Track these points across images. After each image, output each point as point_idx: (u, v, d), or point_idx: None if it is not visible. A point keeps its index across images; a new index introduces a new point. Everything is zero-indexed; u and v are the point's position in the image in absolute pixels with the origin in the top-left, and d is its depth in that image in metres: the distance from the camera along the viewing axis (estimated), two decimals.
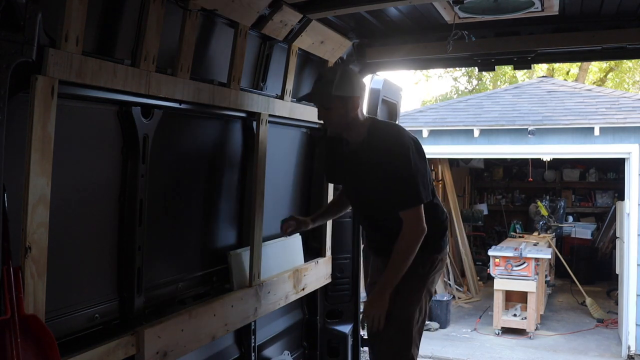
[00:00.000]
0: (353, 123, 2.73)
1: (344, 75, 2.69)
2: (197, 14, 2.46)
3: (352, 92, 2.68)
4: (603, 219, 10.73)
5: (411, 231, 2.68)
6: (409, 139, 2.72)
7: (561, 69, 17.50)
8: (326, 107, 2.70)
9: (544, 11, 3.07)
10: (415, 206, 2.67)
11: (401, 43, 3.78)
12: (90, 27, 2.02)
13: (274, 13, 2.92)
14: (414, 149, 2.68)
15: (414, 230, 2.68)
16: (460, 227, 9.56)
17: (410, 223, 2.68)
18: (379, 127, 2.80)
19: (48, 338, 1.80)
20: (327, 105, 2.68)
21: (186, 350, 2.52)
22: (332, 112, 2.70)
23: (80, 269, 2.20)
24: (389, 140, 2.70)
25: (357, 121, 2.74)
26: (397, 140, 2.69)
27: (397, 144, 2.67)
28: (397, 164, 2.64)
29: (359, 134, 2.76)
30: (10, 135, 1.70)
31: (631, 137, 6.69)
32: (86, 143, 2.19)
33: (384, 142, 2.70)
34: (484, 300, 8.95)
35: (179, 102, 2.52)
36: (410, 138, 2.74)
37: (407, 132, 2.78)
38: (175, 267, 2.75)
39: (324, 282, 3.93)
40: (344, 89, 2.65)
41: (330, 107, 2.68)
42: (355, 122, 2.73)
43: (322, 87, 2.67)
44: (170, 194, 2.70)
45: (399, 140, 2.69)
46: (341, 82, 2.64)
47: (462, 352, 6.72)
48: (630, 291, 6.48)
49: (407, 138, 2.72)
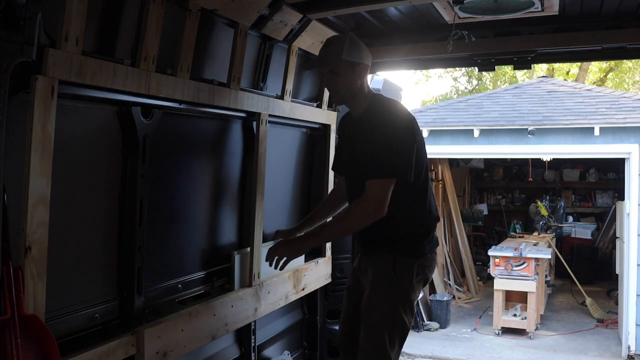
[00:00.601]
0: (358, 93, 2.65)
1: (354, 42, 2.62)
2: (197, 14, 2.46)
3: (360, 59, 2.61)
4: (603, 219, 10.73)
5: (364, 203, 2.48)
6: (406, 117, 2.60)
7: (561, 69, 17.50)
8: (335, 71, 2.61)
9: (544, 11, 3.07)
10: (381, 177, 2.47)
11: (401, 43, 3.78)
12: (90, 27, 2.02)
13: (274, 13, 2.92)
14: (405, 126, 2.55)
15: (367, 203, 2.47)
16: (460, 227, 9.56)
17: (368, 195, 2.47)
18: (379, 100, 2.68)
19: (48, 338, 1.80)
20: (337, 69, 2.59)
21: (186, 350, 2.52)
22: (339, 78, 2.61)
23: (80, 269, 2.20)
24: (382, 113, 2.59)
25: (362, 92, 2.66)
26: (390, 113, 2.59)
27: (388, 115, 2.57)
28: (379, 131, 2.51)
29: (361, 106, 2.68)
30: (10, 135, 1.70)
31: (631, 137, 6.69)
32: (86, 143, 2.19)
33: (377, 113, 2.60)
34: (484, 300, 8.94)
35: (179, 102, 2.52)
36: (408, 117, 2.61)
37: (407, 112, 2.65)
38: (175, 267, 2.75)
39: (324, 282, 3.93)
40: (354, 54, 2.59)
41: (339, 72, 2.60)
42: (360, 92, 2.66)
43: (332, 51, 2.60)
44: (170, 194, 2.70)
45: (392, 112, 2.59)
46: (351, 48, 2.58)
47: (462, 352, 6.71)
48: (630, 291, 6.48)
49: (402, 115, 2.60)
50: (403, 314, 2.58)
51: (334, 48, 2.60)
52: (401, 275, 2.58)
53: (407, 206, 2.59)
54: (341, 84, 2.63)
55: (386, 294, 2.58)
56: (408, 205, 2.59)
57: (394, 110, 2.61)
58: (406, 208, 2.58)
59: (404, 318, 2.59)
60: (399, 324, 2.58)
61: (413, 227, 2.62)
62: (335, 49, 2.59)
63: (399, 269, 2.58)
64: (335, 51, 2.58)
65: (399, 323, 2.58)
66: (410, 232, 2.61)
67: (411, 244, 2.61)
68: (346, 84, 2.62)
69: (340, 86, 2.64)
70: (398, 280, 2.58)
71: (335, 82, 2.64)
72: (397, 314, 2.57)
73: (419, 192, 2.63)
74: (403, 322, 2.59)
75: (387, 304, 2.57)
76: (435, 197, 8.99)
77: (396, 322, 2.57)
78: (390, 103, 2.67)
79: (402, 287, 2.59)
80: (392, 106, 2.64)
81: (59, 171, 1.92)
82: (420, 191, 2.63)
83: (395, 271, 2.57)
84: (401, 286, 2.59)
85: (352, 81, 2.62)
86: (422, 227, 2.66)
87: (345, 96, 2.69)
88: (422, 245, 2.63)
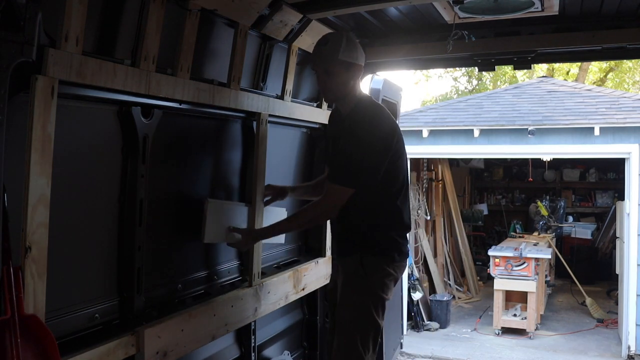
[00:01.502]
0: (350, 93, 2.64)
1: (350, 41, 2.60)
2: (197, 14, 2.46)
3: (356, 59, 2.60)
4: (603, 219, 10.73)
5: (318, 205, 2.61)
6: (386, 125, 2.59)
7: (561, 69, 17.50)
8: (329, 71, 2.58)
9: (544, 11, 3.07)
10: (337, 184, 2.54)
11: (401, 43, 3.78)
12: (90, 27, 2.02)
13: (274, 13, 2.92)
14: (383, 136, 2.55)
15: (321, 206, 2.60)
16: (460, 227, 9.56)
17: (324, 197, 2.58)
18: (365, 105, 2.65)
19: (48, 338, 1.80)
20: (332, 69, 2.58)
21: (186, 350, 2.52)
22: (333, 78, 2.59)
23: (80, 269, 2.20)
24: (363, 119, 2.56)
25: (353, 92, 2.65)
26: (370, 121, 2.56)
27: (368, 123, 2.55)
28: (354, 138, 2.52)
29: (349, 106, 2.66)
30: (10, 135, 1.70)
31: (631, 137, 6.68)
32: (86, 143, 2.19)
33: (359, 118, 2.58)
34: (484, 300, 8.94)
35: (179, 102, 2.52)
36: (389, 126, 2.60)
37: (388, 122, 2.62)
38: (175, 267, 2.75)
39: (324, 282, 3.92)
40: (350, 54, 2.57)
41: (333, 72, 2.58)
42: (351, 92, 2.64)
43: (328, 51, 2.57)
44: (170, 194, 2.70)
45: (372, 120, 2.56)
46: (347, 47, 2.56)
47: (462, 352, 6.71)
48: (630, 291, 6.48)
49: (382, 124, 2.59)
50: (374, 312, 2.58)
51: (330, 47, 2.57)
52: (371, 272, 2.59)
53: (378, 212, 2.61)
54: (334, 84, 2.61)
55: (356, 290, 2.61)
56: (379, 211, 2.61)
57: (375, 118, 2.59)
58: (376, 214, 2.61)
59: (376, 317, 2.58)
60: (370, 322, 2.58)
61: (381, 233, 2.64)
62: (331, 48, 2.56)
63: (368, 266, 2.59)
64: (332, 50, 2.55)
65: (371, 322, 2.58)
66: (379, 238, 2.63)
67: (379, 247, 2.63)
68: (339, 84, 2.61)
69: (333, 86, 2.62)
70: (367, 276, 2.58)
71: (328, 82, 2.62)
72: (368, 312, 2.57)
73: (391, 200, 2.64)
74: (375, 322, 2.59)
75: (358, 301, 2.59)
76: (436, 197, 9.12)
77: (368, 321, 2.57)
78: (374, 110, 2.65)
79: (372, 283, 2.59)
80: (374, 113, 2.62)
81: (59, 171, 1.92)
82: (392, 198, 2.64)
83: (364, 267, 2.59)
84: (371, 283, 2.59)
85: (345, 81, 2.61)
86: (391, 233, 2.66)
87: (337, 96, 2.68)
88: (390, 250, 2.64)
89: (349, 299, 2.62)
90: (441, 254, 9.09)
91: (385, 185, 2.59)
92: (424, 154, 8.12)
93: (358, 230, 2.64)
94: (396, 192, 2.64)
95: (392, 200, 2.64)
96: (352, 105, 2.65)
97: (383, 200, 2.63)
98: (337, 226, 2.75)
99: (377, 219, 2.62)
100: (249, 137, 3.16)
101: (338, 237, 2.76)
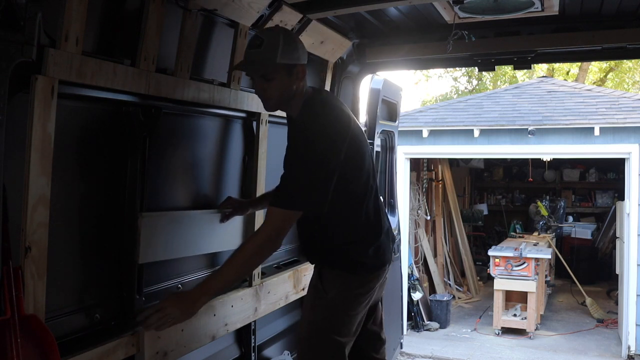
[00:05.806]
0: (295, 97, 2.30)
1: (289, 40, 2.23)
2: (197, 14, 2.46)
3: (297, 60, 2.24)
4: (603, 219, 10.73)
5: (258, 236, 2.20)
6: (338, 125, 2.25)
7: (561, 69, 17.50)
8: (268, 77, 2.23)
9: (544, 11, 3.07)
10: (281, 207, 2.15)
11: (401, 43, 3.78)
12: (90, 27, 2.02)
13: (274, 13, 2.91)
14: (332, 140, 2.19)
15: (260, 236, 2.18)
16: (460, 227, 9.57)
17: (264, 225, 2.19)
18: (311, 107, 2.30)
19: (48, 338, 1.80)
20: (271, 75, 2.22)
21: (186, 350, 2.52)
22: (273, 84, 2.24)
23: (80, 269, 2.20)
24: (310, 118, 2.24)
25: (299, 94, 2.31)
26: (316, 120, 2.23)
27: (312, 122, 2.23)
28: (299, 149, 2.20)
29: (297, 108, 2.33)
30: (10, 135, 1.69)
31: (631, 137, 6.69)
32: (86, 143, 2.19)
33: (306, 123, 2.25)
34: (484, 300, 8.95)
35: (179, 102, 2.51)
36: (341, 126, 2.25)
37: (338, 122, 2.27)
38: (175, 267, 2.75)
39: None
40: (290, 56, 2.21)
41: (273, 78, 2.23)
42: (297, 95, 2.30)
43: (264, 54, 2.19)
44: (170, 193, 2.70)
45: (320, 120, 2.23)
46: (287, 48, 2.19)
47: (462, 352, 6.72)
48: (630, 291, 6.48)
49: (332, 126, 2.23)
50: (332, 332, 2.30)
51: (265, 50, 2.19)
52: (330, 288, 2.32)
53: (339, 216, 2.31)
54: (275, 90, 2.26)
55: (313, 306, 2.39)
56: (340, 215, 2.31)
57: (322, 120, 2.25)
58: (338, 218, 2.32)
59: (334, 337, 2.30)
60: (327, 342, 2.30)
61: (345, 238, 2.35)
62: (267, 51, 2.19)
63: (327, 281, 2.34)
64: (268, 54, 2.19)
65: (328, 341, 2.30)
66: (342, 244, 2.35)
67: (344, 256, 2.34)
68: (281, 90, 2.26)
69: (274, 92, 2.27)
70: (326, 292, 2.33)
71: (268, 89, 2.27)
72: (323, 332, 2.31)
73: (354, 206, 2.34)
74: (333, 341, 2.30)
75: (314, 320, 2.35)
76: (436, 197, 9.12)
77: (324, 340, 2.31)
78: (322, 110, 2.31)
79: (330, 300, 2.32)
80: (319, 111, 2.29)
81: (59, 171, 1.92)
82: (355, 201, 2.34)
83: (322, 282, 2.34)
84: (329, 299, 2.32)
85: (288, 86, 2.26)
86: (357, 238, 2.36)
87: (280, 102, 2.33)
88: (359, 257, 2.34)
89: (306, 314, 2.43)
90: (441, 254, 9.09)
91: (344, 192, 2.26)
92: (424, 154, 8.12)
93: (322, 235, 2.36)
94: (360, 195, 2.34)
95: (355, 206, 2.34)
96: (300, 108, 2.33)
97: (348, 202, 2.31)
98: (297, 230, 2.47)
99: (342, 222, 2.33)
100: (249, 137, 3.15)
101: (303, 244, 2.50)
